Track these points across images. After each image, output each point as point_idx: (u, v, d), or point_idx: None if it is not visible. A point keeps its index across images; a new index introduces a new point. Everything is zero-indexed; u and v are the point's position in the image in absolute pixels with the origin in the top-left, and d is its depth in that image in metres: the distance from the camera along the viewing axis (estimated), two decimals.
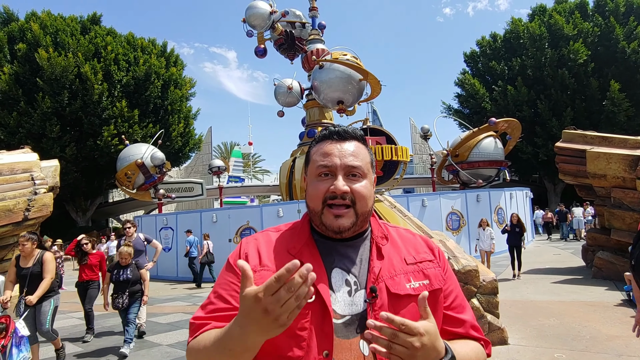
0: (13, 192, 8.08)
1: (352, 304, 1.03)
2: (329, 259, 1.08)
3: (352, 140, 1.13)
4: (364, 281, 1.06)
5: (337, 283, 1.05)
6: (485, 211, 14.79)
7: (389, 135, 9.28)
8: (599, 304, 7.39)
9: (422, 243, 1.19)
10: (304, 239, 1.11)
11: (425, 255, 1.14)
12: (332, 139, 1.13)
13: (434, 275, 1.10)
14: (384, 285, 1.04)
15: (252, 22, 15.09)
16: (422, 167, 39.26)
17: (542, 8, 29.22)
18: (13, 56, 23.53)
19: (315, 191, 1.09)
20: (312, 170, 1.12)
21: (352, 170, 1.08)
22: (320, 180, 1.09)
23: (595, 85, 24.97)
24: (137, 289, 6.28)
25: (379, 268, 1.06)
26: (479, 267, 5.46)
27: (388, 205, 8.03)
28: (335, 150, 1.10)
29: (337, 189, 1.05)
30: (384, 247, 1.12)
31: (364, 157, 1.12)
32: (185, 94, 29.51)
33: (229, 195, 34.62)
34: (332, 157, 1.09)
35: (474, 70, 31.46)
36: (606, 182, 9.45)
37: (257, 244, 1.12)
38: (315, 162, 1.12)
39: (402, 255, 1.12)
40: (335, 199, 1.06)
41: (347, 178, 1.08)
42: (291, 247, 1.09)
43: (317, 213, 1.09)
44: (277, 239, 1.13)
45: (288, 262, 0.98)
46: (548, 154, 23.78)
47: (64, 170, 20.00)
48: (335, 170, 1.08)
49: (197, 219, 14.26)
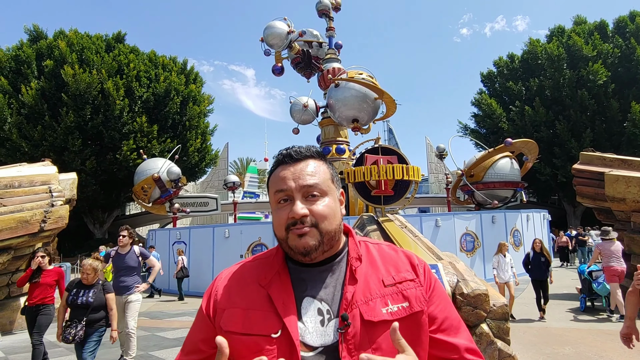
0: (31, 203, 8.31)
1: (324, 335, 0.98)
2: (300, 287, 1.03)
3: (307, 159, 1.09)
4: (336, 309, 1.00)
5: (307, 313, 1.00)
6: (500, 233, 14.49)
7: (401, 154, 9.24)
8: (617, 333, 7.10)
9: (405, 260, 1.10)
10: (275, 268, 1.06)
11: (406, 274, 1.06)
12: (285, 162, 1.09)
13: (414, 297, 1.02)
14: (358, 311, 0.98)
15: (270, 42, 15.40)
16: (437, 187, 38.87)
17: (560, 29, 29.10)
18: (40, 72, 24.46)
19: (277, 219, 1.05)
20: (271, 199, 1.08)
21: (309, 190, 1.03)
22: (280, 207, 1.05)
23: (615, 107, 24.55)
24: (98, 318, 4.82)
25: (352, 293, 1.00)
26: (489, 290, 5.32)
27: (399, 224, 7.95)
28: (289, 173, 1.06)
29: (295, 213, 1.00)
30: (359, 268, 1.04)
31: (322, 173, 1.08)
32: (204, 110, 30.09)
33: (243, 211, 34.82)
34: (286, 180, 1.05)
35: (491, 90, 31.33)
36: (625, 206, 9.18)
37: (229, 279, 1.10)
38: (272, 189, 1.08)
39: (380, 276, 1.04)
40: (296, 225, 1.01)
41: (306, 200, 1.03)
42: (262, 277, 1.05)
43: (283, 239, 1.04)
44: (250, 271, 1.09)
45: (258, 294, 1.03)
46: (567, 176, 23.31)
47: (83, 183, 20.53)
48: (292, 193, 1.03)
49: (210, 234, 14.34)
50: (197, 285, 13.82)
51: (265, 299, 1.01)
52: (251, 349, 0.96)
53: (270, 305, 1.00)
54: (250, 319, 0.99)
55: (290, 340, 0.95)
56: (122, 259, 6.13)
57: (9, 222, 8.07)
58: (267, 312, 0.99)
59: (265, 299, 1.01)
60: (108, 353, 6.91)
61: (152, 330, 8.67)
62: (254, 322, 0.99)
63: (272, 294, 1.01)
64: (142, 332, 8.46)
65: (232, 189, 20.51)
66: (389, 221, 8.18)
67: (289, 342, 0.95)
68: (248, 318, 1.00)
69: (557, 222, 26.87)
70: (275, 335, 0.95)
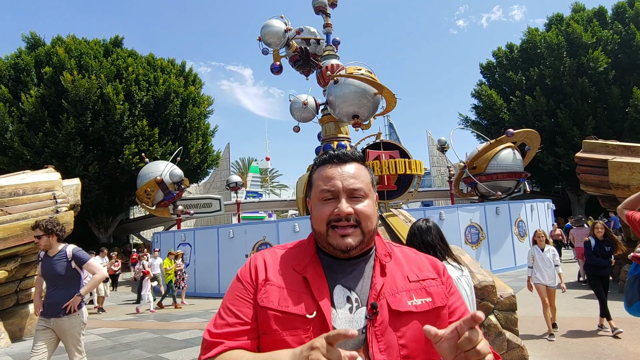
0: (36, 210, 8.33)
1: (352, 321, 1.05)
2: (332, 277, 1.11)
3: (352, 162, 1.17)
4: (365, 298, 1.08)
5: (339, 300, 1.08)
6: (505, 224, 14.47)
7: (403, 149, 9.23)
8: (626, 321, 7.08)
9: (426, 262, 1.20)
10: (309, 257, 1.14)
11: (428, 273, 1.16)
12: (333, 162, 1.17)
13: (436, 293, 1.12)
14: (385, 302, 1.06)
15: (268, 40, 15.37)
16: (440, 180, 38.81)
17: (559, 17, 28.91)
18: (40, 79, 24.50)
19: (319, 214, 1.13)
20: (315, 194, 1.16)
21: (354, 192, 1.12)
22: (324, 203, 1.13)
23: (617, 93, 24.40)
24: None
25: (381, 285, 1.09)
26: (495, 282, 5.32)
27: (403, 219, 7.95)
28: (337, 173, 1.14)
29: (341, 211, 1.09)
30: (387, 264, 1.14)
31: (365, 178, 1.16)
32: (204, 112, 30.09)
33: (247, 211, 34.87)
34: (334, 180, 1.13)
35: (490, 81, 31.19)
36: (630, 192, 9.12)
37: (265, 259, 1.16)
38: (318, 186, 1.15)
39: (405, 273, 1.13)
40: (339, 221, 1.09)
41: (350, 200, 1.11)
42: (296, 263, 1.13)
43: (322, 235, 1.12)
44: (283, 256, 1.17)
45: (293, 277, 1.09)
46: (570, 164, 23.23)
47: (86, 188, 20.57)
48: (338, 193, 1.11)
49: (214, 234, 14.38)
50: (204, 287, 13.86)
51: (301, 282, 1.09)
52: (286, 325, 1.03)
53: (306, 288, 1.07)
54: (286, 298, 1.06)
55: (324, 323, 1.02)
56: (50, 265, 4.25)
57: (15, 230, 8.10)
58: (303, 294, 1.07)
59: (300, 282, 1.09)
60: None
61: (160, 332, 8.71)
62: (290, 302, 1.06)
63: (309, 278, 1.09)
64: (151, 335, 8.50)
65: (234, 189, 20.55)
66: (393, 216, 8.17)
67: (323, 324, 1.02)
68: (284, 297, 1.07)
69: (561, 212, 26.80)
70: (311, 316, 1.03)
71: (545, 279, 6.48)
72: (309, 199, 1.21)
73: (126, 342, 7.97)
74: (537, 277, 6.54)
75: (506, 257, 14.33)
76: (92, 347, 7.69)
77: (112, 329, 9.45)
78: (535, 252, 6.63)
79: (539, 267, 6.53)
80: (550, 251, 6.54)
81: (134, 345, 7.61)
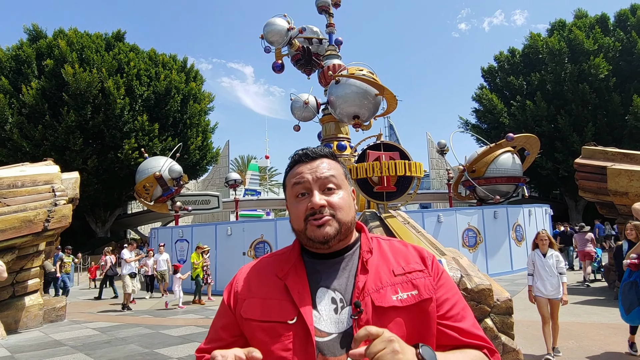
0: (34, 203, 8.33)
1: (338, 322, 1.04)
2: (315, 278, 1.10)
3: (321, 157, 1.17)
4: (349, 297, 1.07)
5: (322, 302, 1.07)
6: (503, 228, 14.49)
7: (403, 150, 9.23)
8: (621, 327, 7.10)
9: (414, 253, 1.16)
10: (292, 261, 1.14)
11: (415, 265, 1.12)
12: (302, 161, 1.17)
13: (423, 285, 1.08)
14: (369, 299, 1.04)
15: (270, 39, 15.33)
16: (439, 182, 38.85)
17: (561, 23, 28.98)
18: (40, 72, 24.46)
19: (296, 212, 1.12)
20: (289, 194, 1.16)
21: (326, 182, 1.11)
22: (298, 201, 1.13)
23: (617, 101, 24.47)
24: None
25: (364, 282, 1.06)
26: (492, 285, 5.33)
27: (401, 220, 7.97)
28: (306, 169, 1.14)
29: (314, 203, 1.08)
30: (370, 260, 1.11)
31: (336, 169, 1.15)
32: (204, 108, 30.08)
33: (245, 208, 34.85)
34: (303, 174, 1.13)
35: (491, 85, 31.24)
36: (628, 199, 9.17)
37: (248, 272, 1.18)
38: (289, 184, 1.15)
39: (391, 267, 1.11)
40: (315, 215, 1.08)
41: (323, 192, 1.11)
42: (279, 270, 1.13)
43: (301, 231, 1.12)
44: (268, 265, 1.18)
45: (275, 285, 1.10)
46: (569, 170, 23.28)
47: (85, 182, 20.54)
48: (310, 185, 1.11)
49: (212, 231, 14.37)
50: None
51: (282, 290, 1.09)
52: (269, 334, 1.05)
53: (287, 295, 1.08)
54: (268, 308, 1.08)
55: (305, 327, 1.02)
56: None
57: (13, 222, 8.09)
58: (284, 301, 1.07)
59: (282, 289, 1.09)
60: (123, 352, 6.93)
61: (156, 328, 8.71)
62: (272, 310, 1.07)
63: (288, 284, 1.09)
64: (147, 330, 8.50)
65: (233, 187, 20.54)
66: (391, 217, 8.19)
67: (304, 328, 1.02)
68: (266, 307, 1.08)
69: (559, 217, 26.85)
70: (291, 321, 1.03)
71: (547, 289, 5.58)
72: (287, 203, 1.20)
73: (122, 337, 7.97)
74: (538, 287, 5.66)
75: (503, 261, 14.36)
76: (88, 342, 7.69)
77: (107, 323, 9.44)
78: (536, 257, 5.72)
79: (540, 276, 5.63)
80: (554, 257, 5.60)
81: (129, 340, 7.61)
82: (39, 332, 8.65)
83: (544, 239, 5.66)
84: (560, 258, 5.68)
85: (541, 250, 5.71)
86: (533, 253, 5.82)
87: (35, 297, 9.28)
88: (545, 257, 5.62)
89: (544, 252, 5.67)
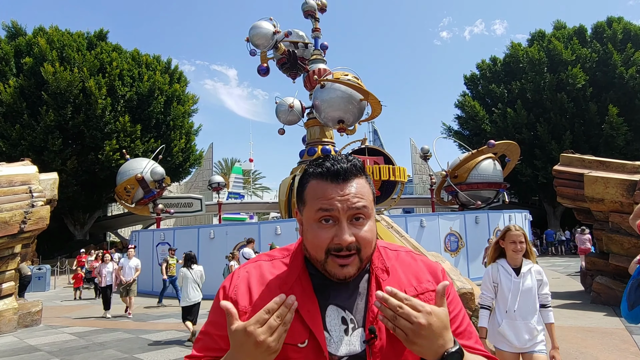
0: (10, 204, 8.11)
1: (349, 344, 0.98)
2: (324, 294, 1.01)
3: (353, 178, 1.01)
4: (361, 318, 1.00)
5: (332, 322, 0.99)
6: (484, 233, 14.73)
7: (387, 155, 9.33)
8: (597, 330, 7.30)
9: (424, 269, 1.10)
10: (296, 273, 1.03)
11: (427, 285, 1.06)
12: (332, 180, 1.00)
13: None
14: None
15: (256, 42, 15.33)
16: (421, 187, 39.28)
17: (541, 34, 29.74)
18: (19, 70, 23.88)
19: (317, 240, 0.98)
20: (310, 214, 1.00)
21: (356, 213, 0.97)
22: (321, 227, 0.98)
23: (594, 110, 25.22)
24: None
25: None
26: (474, 289, 5.42)
27: (385, 225, 8.03)
28: (337, 194, 0.98)
29: (343, 240, 0.95)
30: (384, 282, 1.02)
31: (367, 194, 1.01)
32: (188, 110, 29.80)
33: (228, 212, 34.54)
34: (333, 201, 0.97)
35: (474, 93, 31.82)
36: (604, 206, 9.44)
37: (249, 278, 1.05)
38: (313, 205, 0.99)
39: (403, 287, 1.03)
40: (340, 251, 0.96)
41: (351, 223, 0.97)
42: (282, 282, 1.02)
43: (319, 262, 0.99)
44: (269, 272, 1.06)
45: None
46: (547, 177, 23.84)
47: (63, 184, 20.08)
48: (338, 216, 0.96)
49: (195, 234, 14.21)
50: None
51: None
52: (276, 357, 0.92)
53: (295, 312, 0.95)
54: None
55: (318, 350, 0.95)
56: None
57: None
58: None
59: None
60: (101, 358, 6.77)
61: (136, 332, 8.54)
62: None
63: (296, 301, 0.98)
64: (126, 335, 8.34)
65: (216, 190, 20.35)
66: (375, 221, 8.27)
67: (317, 351, 0.95)
68: None
69: (537, 223, 27.44)
70: (302, 345, 0.95)
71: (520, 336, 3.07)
72: (298, 211, 1.06)
73: (100, 342, 7.79)
74: (503, 331, 3.10)
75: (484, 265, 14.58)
76: (65, 347, 7.50)
77: (85, 328, 9.22)
78: (500, 274, 3.22)
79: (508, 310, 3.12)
80: (533, 274, 3.21)
81: (108, 345, 7.44)
82: (13, 337, 8.39)
83: (518, 240, 3.15)
84: (543, 275, 3.29)
85: (511, 262, 3.22)
86: (495, 266, 3.25)
87: (9, 301, 9.01)
88: (519, 275, 3.18)
89: (516, 266, 3.22)
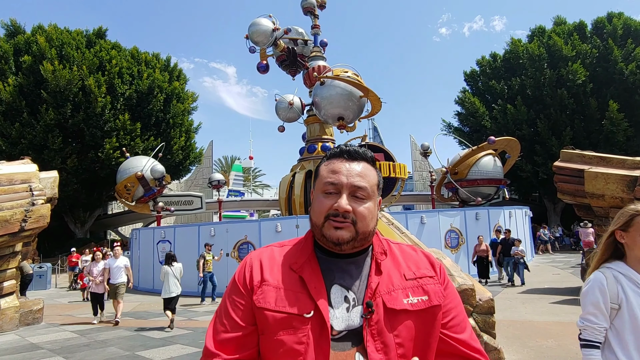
0: (11, 202, 8.10)
1: (348, 319, 1.05)
2: (329, 276, 1.10)
3: (362, 161, 1.15)
4: (362, 297, 1.08)
5: (336, 299, 1.07)
6: (484, 229, 14.73)
7: (387, 152, 9.32)
8: None
9: (424, 259, 1.19)
10: (306, 255, 1.13)
11: (425, 271, 1.15)
12: (342, 157, 1.15)
13: (433, 292, 1.11)
14: (381, 300, 1.06)
15: (255, 39, 15.29)
16: (422, 184, 39.27)
17: (541, 29, 29.65)
18: (18, 68, 23.83)
19: (319, 206, 1.11)
20: (319, 186, 1.14)
21: (357, 190, 1.10)
22: (325, 196, 1.11)
23: (594, 106, 25.16)
24: None
25: (377, 283, 1.08)
26: (475, 285, 5.42)
27: (385, 221, 8.01)
28: (344, 169, 1.12)
29: (340, 206, 1.07)
30: (383, 262, 1.13)
31: (371, 179, 1.14)
32: (188, 108, 29.76)
33: (228, 209, 34.56)
34: (339, 175, 1.11)
35: (474, 89, 31.74)
36: (604, 202, 9.44)
37: (261, 259, 1.15)
38: (322, 178, 1.14)
39: (402, 271, 1.13)
40: (337, 217, 1.08)
41: (352, 198, 1.09)
42: (293, 262, 1.12)
43: (318, 226, 1.11)
44: (279, 254, 1.16)
45: (290, 276, 1.09)
46: (548, 173, 23.80)
47: (64, 182, 20.09)
48: (341, 188, 1.09)
49: (195, 232, 14.21)
50: (183, 285, 13.62)
51: (297, 282, 1.08)
52: (283, 325, 1.03)
53: (302, 288, 1.07)
54: (283, 298, 1.06)
55: (322, 322, 1.02)
56: None
57: None
58: (299, 293, 1.06)
59: (297, 281, 1.08)
60: (103, 355, 6.79)
61: (137, 330, 8.57)
62: (287, 301, 1.05)
63: (305, 277, 1.08)
64: (127, 332, 8.35)
65: (216, 187, 20.36)
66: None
67: (321, 323, 1.02)
68: (281, 297, 1.06)
69: (537, 219, 27.43)
70: (308, 315, 1.03)
71: None
72: (313, 189, 1.19)
73: (102, 340, 7.80)
74: None
75: None
76: (66, 344, 7.52)
77: (87, 326, 9.24)
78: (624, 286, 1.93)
79: None
80: None
81: (109, 343, 7.46)
82: (15, 336, 8.41)
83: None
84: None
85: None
86: (610, 275, 2.00)
87: (11, 300, 9.02)
88: None
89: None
